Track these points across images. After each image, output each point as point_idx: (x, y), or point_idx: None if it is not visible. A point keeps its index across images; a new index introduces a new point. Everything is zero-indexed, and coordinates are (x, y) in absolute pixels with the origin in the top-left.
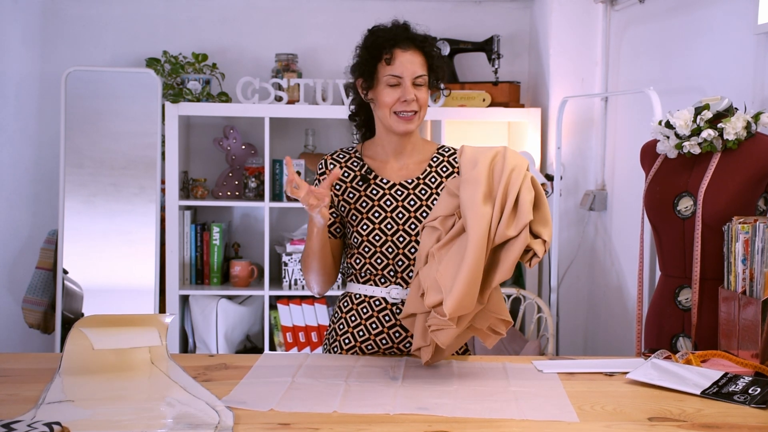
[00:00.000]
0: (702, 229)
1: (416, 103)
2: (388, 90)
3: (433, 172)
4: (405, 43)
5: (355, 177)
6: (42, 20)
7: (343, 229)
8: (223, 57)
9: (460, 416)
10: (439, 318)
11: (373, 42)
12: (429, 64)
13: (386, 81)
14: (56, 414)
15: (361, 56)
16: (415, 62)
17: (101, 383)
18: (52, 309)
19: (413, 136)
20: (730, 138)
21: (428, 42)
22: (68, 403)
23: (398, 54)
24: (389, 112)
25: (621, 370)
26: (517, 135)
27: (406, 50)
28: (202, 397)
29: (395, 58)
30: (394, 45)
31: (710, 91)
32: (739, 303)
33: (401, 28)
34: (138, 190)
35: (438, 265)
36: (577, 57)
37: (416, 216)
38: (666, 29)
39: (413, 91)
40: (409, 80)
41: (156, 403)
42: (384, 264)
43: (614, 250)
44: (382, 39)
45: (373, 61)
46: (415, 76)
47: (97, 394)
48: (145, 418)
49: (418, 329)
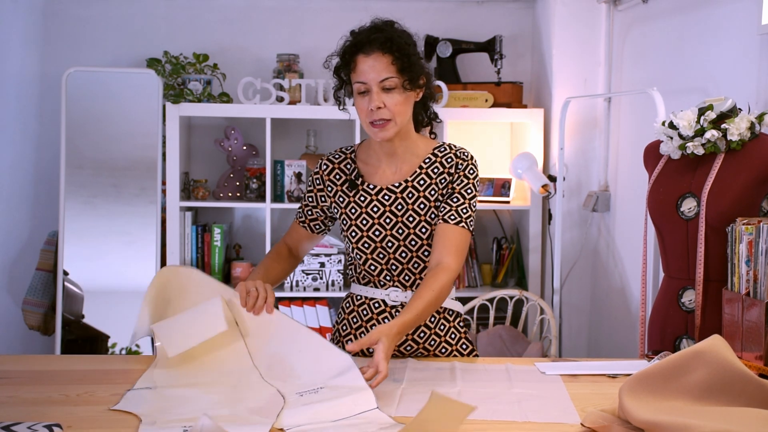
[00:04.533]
0: (705, 230)
1: (386, 111)
2: (359, 99)
3: (423, 174)
4: (367, 47)
5: (346, 181)
6: (42, 21)
7: (324, 227)
8: (224, 57)
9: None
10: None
11: (341, 49)
12: (398, 65)
13: (356, 89)
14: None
15: (336, 65)
16: (379, 66)
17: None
18: (52, 310)
19: (403, 138)
20: (734, 139)
21: (394, 41)
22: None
23: (361, 59)
24: (365, 122)
25: (624, 372)
26: (520, 136)
27: (369, 54)
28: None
29: (358, 64)
30: (356, 51)
31: (714, 91)
32: (742, 304)
33: (368, 31)
34: (138, 191)
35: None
36: (580, 57)
37: (403, 221)
38: (669, 29)
39: (381, 98)
40: (375, 86)
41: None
42: (378, 269)
43: (617, 252)
44: (347, 45)
45: (344, 69)
46: (381, 80)
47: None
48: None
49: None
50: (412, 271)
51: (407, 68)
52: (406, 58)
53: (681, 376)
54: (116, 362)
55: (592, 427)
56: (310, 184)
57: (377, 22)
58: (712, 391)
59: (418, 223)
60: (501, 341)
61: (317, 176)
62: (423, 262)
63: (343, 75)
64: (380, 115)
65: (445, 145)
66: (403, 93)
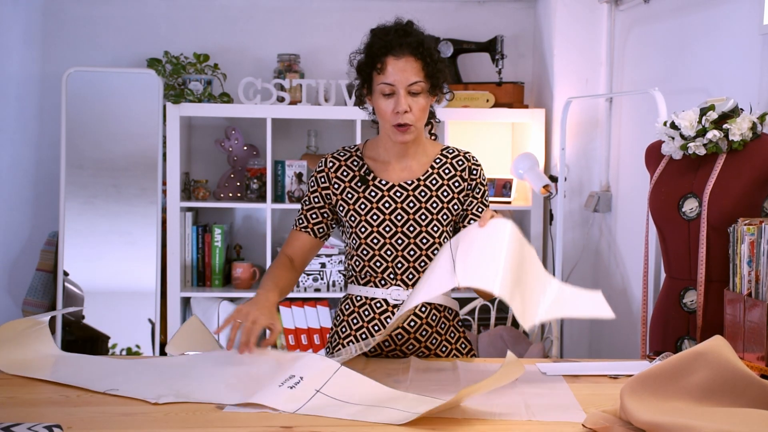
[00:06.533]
0: (707, 231)
1: (411, 115)
2: (382, 100)
3: (435, 174)
4: (398, 50)
5: (354, 177)
6: (43, 21)
7: (327, 230)
8: (225, 57)
9: (467, 418)
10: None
11: (368, 48)
12: (426, 71)
13: (380, 90)
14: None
15: (359, 62)
16: (409, 70)
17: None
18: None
19: (418, 139)
20: (736, 139)
21: (425, 46)
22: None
23: (391, 62)
24: (387, 124)
25: (626, 373)
26: (521, 136)
27: (400, 57)
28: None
29: (387, 66)
30: (386, 52)
31: (715, 91)
32: (744, 305)
33: (397, 33)
34: (139, 192)
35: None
36: (581, 57)
37: (415, 218)
38: (671, 29)
39: (407, 102)
40: (403, 89)
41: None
42: (383, 267)
43: (619, 252)
44: (376, 46)
45: (368, 69)
46: (409, 84)
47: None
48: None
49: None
50: (417, 269)
51: (435, 74)
52: (434, 64)
53: (682, 377)
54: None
55: (593, 428)
56: (313, 184)
57: (402, 23)
58: (713, 391)
59: (430, 222)
60: (502, 342)
61: (321, 174)
62: (430, 260)
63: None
64: (405, 119)
65: (451, 147)
66: (427, 98)
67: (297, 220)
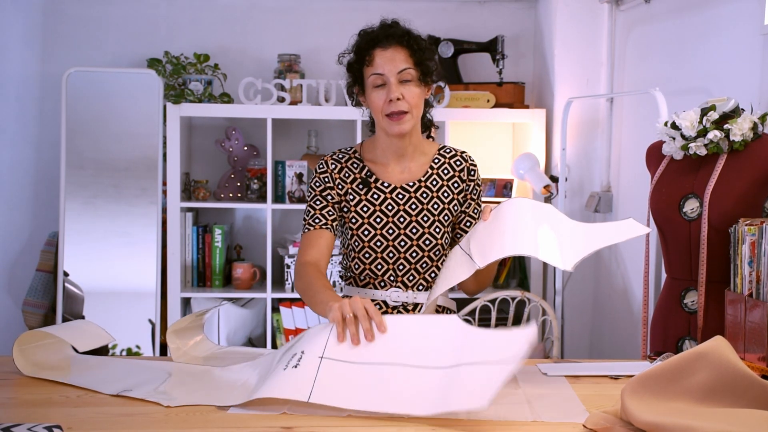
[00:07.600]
0: (708, 231)
1: (404, 102)
2: (375, 92)
3: (434, 174)
4: (385, 41)
5: (355, 179)
6: (42, 21)
7: (341, 227)
8: (225, 57)
9: (470, 419)
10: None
11: (356, 46)
12: (414, 59)
13: (372, 82)
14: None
15: (349, 61)
16: (397, 58)
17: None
18: (52, 311)
19: (413, 137)
20: (737, 139)
21: (411, 36)
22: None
23: (378, 53)
24: (381, 115)
25: (626, 373)
26: (522, 136)
27: (387, 48)
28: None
29: (375, 57)
30: (374, 45)
31: (716, 91)
32: (745, 306)
33: (382, 27)
34: (139, 192)
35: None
36: (582, 57)
37: (417, 220)
38: (672, 29)
39: (399, 89)
40: (393, 77)
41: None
42: (384, 269)
43: (620, 252)
44: (362, 41)
45: (357, 66)
46: (399, 71)
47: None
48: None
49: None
50: (418, 271)
51: (423, 61)
52: (421, 52)
53: (683, 377)
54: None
55: (594, 429)
56: (319, 183)
57: (392, 21)
58: (714, 392)
59: (432, 223)
60: None
61: (325, 174)
62: (431, 261)
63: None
64: (398, 107)
65: (448, 147)
66: (419, 86)
67: (312, 221)
